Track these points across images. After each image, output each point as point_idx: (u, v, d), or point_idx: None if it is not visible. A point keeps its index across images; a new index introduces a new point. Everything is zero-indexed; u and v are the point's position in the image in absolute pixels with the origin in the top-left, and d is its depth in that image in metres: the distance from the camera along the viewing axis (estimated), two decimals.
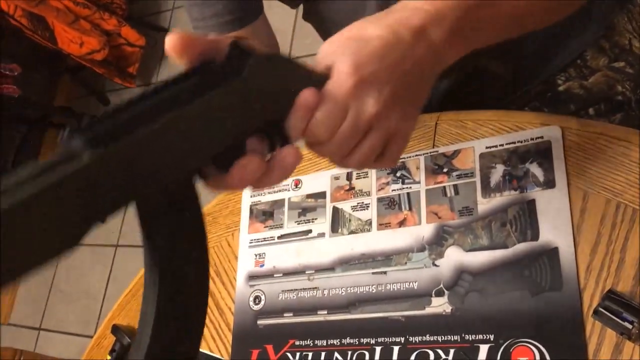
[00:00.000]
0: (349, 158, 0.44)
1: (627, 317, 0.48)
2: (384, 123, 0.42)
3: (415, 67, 0.43)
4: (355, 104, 0.41)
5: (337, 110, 0.41)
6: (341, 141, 0.42)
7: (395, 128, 0.43)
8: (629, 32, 0.79)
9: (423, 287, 0.61)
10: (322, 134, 0.42)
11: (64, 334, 2.32)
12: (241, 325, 0.73)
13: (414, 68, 0.43)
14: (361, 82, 0.41)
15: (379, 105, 0.42)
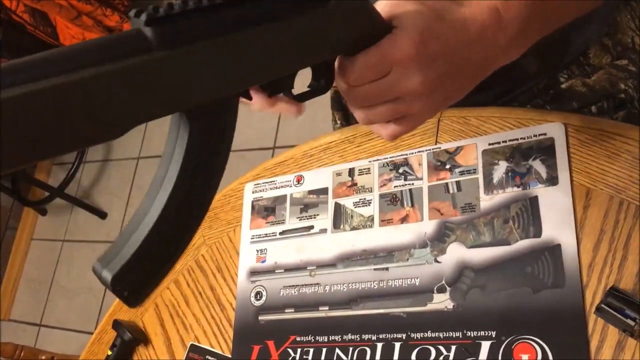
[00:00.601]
0: (361, 110, 0.44)
1: (629, 314, 0.48)
2: (413, 103, 0.43)
3: (472, 64, 0.44)
4: (402, 72, 0.41)
5: (383, 67, 0.41)
6: (367, 94, 0.43)
7: (418, 112, 0.44)
8: (632, 30, 0.78)
9: (425, 284, 0.61)
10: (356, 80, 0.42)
11: (65, 330, 2.32)
12: (242, 321, 0.73)
13: (470, 64, 0.44)
14: (419, 56, 0.41)
15: (421, 86, 0.42)
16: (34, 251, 2.61)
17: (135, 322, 0.83)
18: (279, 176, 0.78)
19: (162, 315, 0.81)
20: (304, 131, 1.87)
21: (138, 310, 0.84)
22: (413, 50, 0.40)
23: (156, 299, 0.82)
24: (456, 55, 0.43)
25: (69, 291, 2.38)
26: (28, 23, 2.11)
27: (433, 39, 0.41)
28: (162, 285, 0.83)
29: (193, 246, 0.82)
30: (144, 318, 0.83)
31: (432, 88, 0.42)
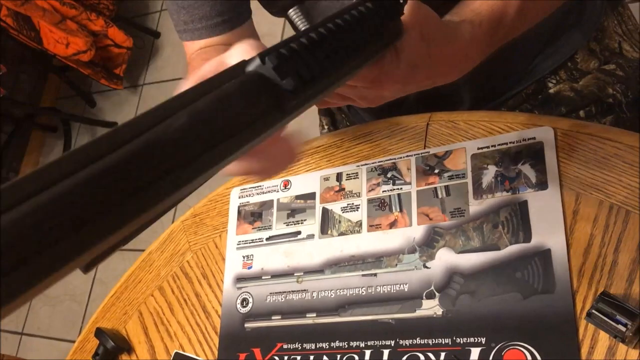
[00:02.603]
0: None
1: (620, 320, 0.47)
2: (394, 90, 0.46)
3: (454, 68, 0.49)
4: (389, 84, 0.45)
5: (376, 83, 0.44)
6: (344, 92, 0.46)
7: (386, 97, 0.47)
8: (618, 35, 0.79)
9: (414, 290, 0.61)
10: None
11: (47, 338, 2.28)
12: (228, 328, 0.71)
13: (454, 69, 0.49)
14: (409, 77, 0.45)
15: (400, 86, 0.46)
16: None
17: (118, 330, 0.82)
18: (266, 181, 0.77)
19: (145, 322, 0.80)
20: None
21: (121, 318, 0.82)
22: (408, 75, 0.44)
23: (140, 306, 0.81)
24: (450, 56, 0.48)
25: (52, 298, 2.35)
26: (11, 27, 2.08)
27: (425, 65, 0.45)
28: (146, 292, 0.81)
29: (178, 252, 0.81)
30: (128, 326, 0.81)
31: (408, 83, 0.46)
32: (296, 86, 0.30)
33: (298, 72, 0.30)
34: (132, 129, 0.23)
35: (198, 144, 0.25)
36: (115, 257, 1.49)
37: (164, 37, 2.50)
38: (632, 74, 0.76)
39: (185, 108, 0.25)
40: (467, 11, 0.50)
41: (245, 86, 0.28)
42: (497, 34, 0.51)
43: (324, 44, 0.33)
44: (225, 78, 0.29)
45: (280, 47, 0.31)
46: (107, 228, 0.21)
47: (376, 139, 0.70)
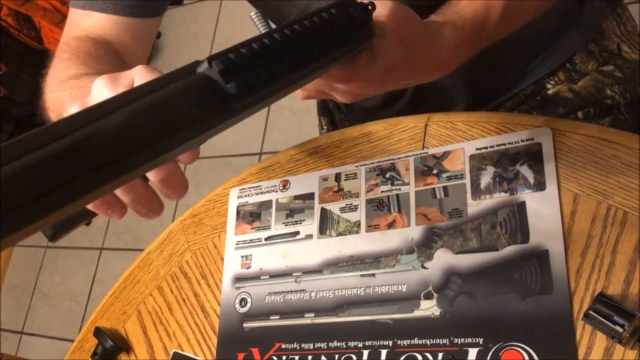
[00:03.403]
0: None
1: (617, 321, 0.48)
2: (371, 89, 0.46)
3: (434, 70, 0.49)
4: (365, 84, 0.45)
5: (352, 81, 0.44)
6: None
7: (363, 95, 0.47)
8: (617, 37, 0.79)
9: (412, 290, 0.61)
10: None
11: (47, 337, 2.28)
12: (227, 328, 0.72)
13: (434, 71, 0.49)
14: (387, 77, 0.45)
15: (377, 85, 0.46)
16: (16, 258, 2.57)
17: (117, 330, 0.82)
18: (265, 181, 0.77)
19: (144, 322, 0.80)
20: (290, 136, 1.86)
21: (120, 318, 0.82)
22: (385, 76, 0.44)
23: (139, 306, 0.81)
24: (432, 58, 0.48)
25: (52, 298, 2.35)
26: (12, 27, 2.09)
27: (403, 67, 0.45)
28: (145, 292, 0.81)
29: (177, 252, 0.81)
30: (126, 325, 0.81)
31: (385, 83, 0.46)
32: (240, 90, 0.31)
33: (243, 77, 0.31)
34: (70, 125, 0.25)
35: (132, 143, 0.26)
36: (114, 256, 1.51)
37: (165, 38, 2.50)
38: (631, 76, 0.76)
39: (126, 107, 0.27)
40: (451, 12, 0.50)
41: (190, 88, 0.30)
42: (480, 36, 0.51)
43: (276, 51, 0.34)
44: (173, 78, 0.30)
45: (230, 51, 0.32)
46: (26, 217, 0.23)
47: (375, 139, 0.70)
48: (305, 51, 0.35)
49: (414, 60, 0.45)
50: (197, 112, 0.30)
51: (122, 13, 0.69)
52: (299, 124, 1.85)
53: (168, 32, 2.51)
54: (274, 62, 0.33)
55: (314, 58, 0.36)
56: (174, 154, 0.30)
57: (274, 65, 0.33)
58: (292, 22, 0.36)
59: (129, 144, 0.27)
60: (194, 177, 2.05)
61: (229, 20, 2.31)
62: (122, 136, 0.26)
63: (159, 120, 0.28)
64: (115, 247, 2.24)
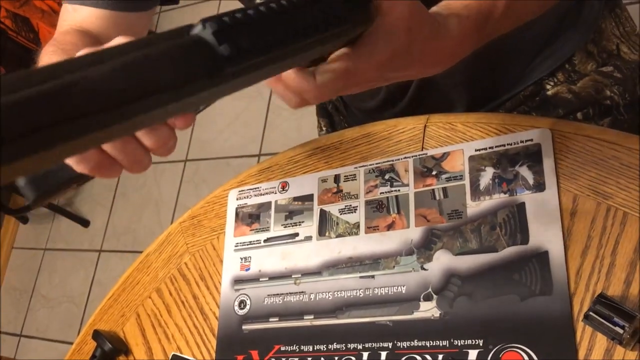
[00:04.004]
0: None
1: (617, 322, 0.47)
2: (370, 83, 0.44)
3: (436, 64, 0.47)
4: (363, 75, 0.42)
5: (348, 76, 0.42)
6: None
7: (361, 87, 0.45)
8: (616, 37, 0.79)
9: (411, 292, 0.61)
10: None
11: (45, 340, 2.28)
12: (226, 330, 0.71)
13: (436, 65, 0.47)
14: (383, 68, 0.43)
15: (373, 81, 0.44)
16: (15, 260, 2.57)
17: (116, 332, 0.81)
18: (264, 183, 0.77)
19: (143, 325, 0.79)
20: (289, 138, 1.86)
21: (119, 320, 0.82)
22: (385, 62, 0.42)
23: (138, 309, 0.81)
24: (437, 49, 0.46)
25: (51, 300, 2.35)
26: (10, 29, 2.09)
27: (403, 57, 0.43)
28: (144, 295, 0.81)
29: (176, 254, 0.81)
30: (125, 328, 0.81)
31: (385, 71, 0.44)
32: (233, 53, 0.30)
33: (237, 40, 0.31)
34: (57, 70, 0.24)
35: (118, 95, 0.26)
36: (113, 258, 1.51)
37: None
38: (630, 76, 0.76)
39: (114, 59, 0.26)
40: (456, 4, 0.48)
41: (181, 47, 0.29)
42: (485, 29, 0.50)
43: (272, 20, 0.33)
44: (167, 37, 0.29)
45: (225, 15, 0.31)
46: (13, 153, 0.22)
47: (374, 140, 0.70)
48: (302, 25, 0.35)
49: (416, 51, 0.44)
50: (188, 72, 0.29)
51: (110, 7, 0.68)
52: (298, 125, 1.85)
53: None
54: (270, 31, 0.33)
55: (310, 33, 0.35)
56: (163, 113, 0.29)
57: (269, 34, 0.33)
58: None
59: (115, 96, 0.26)
60: (193, 178, 2.05)
61: None
62: (108, 87, 0.26)
63: (148, 76, 0.27)
64: (114, 249, 2.24)
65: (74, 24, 0.70)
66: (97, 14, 0.69)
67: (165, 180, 2.12)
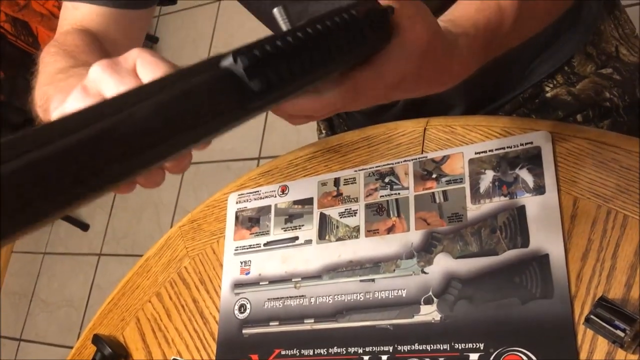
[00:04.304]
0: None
1: (619, 325, 0.47)
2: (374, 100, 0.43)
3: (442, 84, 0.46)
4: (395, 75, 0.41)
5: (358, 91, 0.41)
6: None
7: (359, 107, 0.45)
8: (615, 39, 0.79)
9: (412, 295, 0.60)
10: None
11: (45, 344, 2.28)
12: (226, 334, 0.71)
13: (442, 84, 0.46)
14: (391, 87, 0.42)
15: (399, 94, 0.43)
16: (14, 264, 2.57)
17: (116, 337, 0.81)
18: (264, 186, 0.77)
19: (143, 329, 0.79)
20: (289, 141, 1.86)
21: (119, 325, 0.82)
22: (388, 88, 0.41)
23: (137, 313, 0.81)
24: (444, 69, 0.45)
25: (50, 304, 2.34)
26: (9, 33, 2.09)
27: (414, 77, 0.42)
28: (143, 299, 0.81)
29: (176, 258, 0.81)
30: (125, 332, 0.81)
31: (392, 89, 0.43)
32: (262, 88, 0.31)
33: (266, 75, 0.31)
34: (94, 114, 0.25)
35: (156, 135, 0.27)
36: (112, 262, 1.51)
37: (163, 42, 2.50)
38: (629, 78, 0.76)
39: (149, 99, 0.27)
40: (463, 20, 0.47)
41: (214, 82, 0.30)
42: (492, 47, 0.50)
43: (299, 49, 0.33)
44: (198, 70, 0.30)
45: (255, 47, 0.32)
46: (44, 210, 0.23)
47: (374, 143, 0.70)
48: (325, 51, 0.35)
49: (426, 74, 0.43)
50: (220, 107, 0.30)
51: (110, 4, 0.68)
52: (298, 127, 1.84)
53: (166, 36, 2.51)
54: (296, 61, 0.33)
55: (332, 59, 0.35)
56: (194, 146, 0.30)
57: (295, 64, 0.33)
58: (315, 21, 0.35)
59: (151, 138, 0.26)
60: (193, 181, 2.05)
61: (226, 24, 2.31)
62: (144, 129, 0.26)
63: (183, 114, 0.28)
64: (113, 253, 2.23)
65: (75, 22, 0.70)
66: (97, 12, 0.69)
67: (165, 183, 2.10)
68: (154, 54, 0.38)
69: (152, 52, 0.38)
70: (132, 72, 0.38)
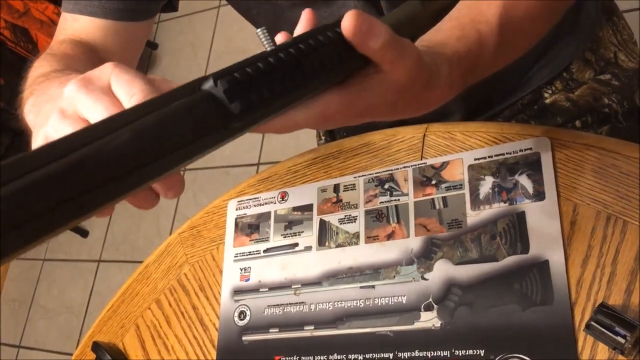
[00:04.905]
0: None
1: (619, 331, 0.47)
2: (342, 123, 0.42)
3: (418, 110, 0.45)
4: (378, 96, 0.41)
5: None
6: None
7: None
8: (614, 45, 0.79)
9: (412, 301, 0.60)
10: None
11: (44, 351, 2.27)
12: (226, 341, 0.71)
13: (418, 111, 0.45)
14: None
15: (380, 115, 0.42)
16: (13, 270, 2.56)
17: (115, 344, 0.81)
18: (263, 193, 0.77)
19: (142, 336, 0.79)
20: (288, 147, 1.86)
21: (118, 332, 0.82)
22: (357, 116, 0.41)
23: (137, 320, 0.80)
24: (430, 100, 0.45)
25: (49, 311, 2.34)
26: (9, 39, 2.09)
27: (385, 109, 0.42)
28: (143, 306, 0.81)
29: (175, 265, 0.81)
30: (125, 339, 0.81)
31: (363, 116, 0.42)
32: (243, 110, 0.32)
33: (247, 97, 0.32)
34: (74, 142, 0.26)
35: (136, 161, 0.27)
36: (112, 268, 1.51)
37: (162, 48, 2.51)
38: (628, 84, 0.76)
39: (131, 124, 0.28)
40: (447, 49, 0.45)
41: (194, 106, 0.31)
42: (474, 73, 0.48)
43: (280, 71, 0.34)
44: (179, 94, 0.31)
45: (235, 70, 0.32)
46: (27, 237, 0.24)
47: (373, 150, 0.70)
48: (307, 71, 0.35)
49: (401, 105, 0.42)
50: (201, 130, 0.30)
51: (110, 16, 0.68)
52: (297, 133, 1.84)
53: (165, 42, 2.51)
54: (277, 81, 0.33)
55: (314, 78, 0.36)
56: (176, 169, 0.30)
57: (276, 85, 0.33)
58: (298, 40, 0.36)
59: (133, 162, 0.27)
60: (192, 187, 2.05)
61: (226, 30, 2.32)
62: (126, 154, 0.27)
63: (164, 138, 0.29)
64: (113, 259, 2.23)
65: (73, 33, 0.70)
66: (97, 24, 0.69)
67: None
68: (127, 70, 0.38)
69: (125, 68, 0.38)
70: (107, 90, 0.38)
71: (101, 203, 0.26)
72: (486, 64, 0.49)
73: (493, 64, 0.50)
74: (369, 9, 0.66)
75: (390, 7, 0.65)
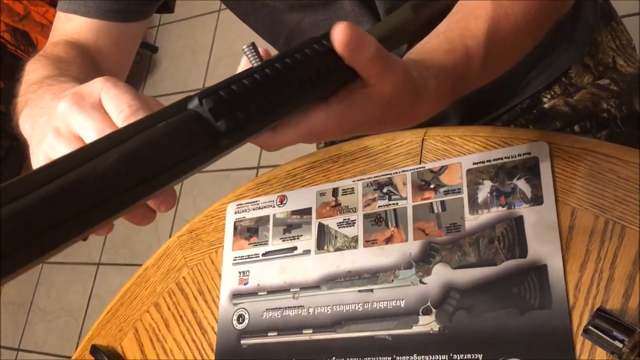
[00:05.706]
0: None
1: (617, 336, 0.47)
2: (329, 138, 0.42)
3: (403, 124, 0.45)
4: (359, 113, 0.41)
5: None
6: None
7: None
8: (612, 50, 0.79)
9: (410, 305, 0.60)
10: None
11: (43, 354, 2.27)
12: (224, 345, 0.71)
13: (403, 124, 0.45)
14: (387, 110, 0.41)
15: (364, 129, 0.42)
16: None
17: (114, 347, 0.81)
18: (262, 196, 0.77)
19: (141, 339, 0.79)
20: (287, 150, 1.86)
21: (117, 335, 0.82)
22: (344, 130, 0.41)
23: (136, 323, 0.80)
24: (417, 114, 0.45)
25: (49, 314, 2.33)
26: (9, 42, 2.09)
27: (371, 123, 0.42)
28: (142, 309, 0.81)
29: (174, 268, 0.81)
30: (123, 343, 0.81)
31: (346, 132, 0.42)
32: (229, 128, 0.32)
33: (233, 115, 0.32)
34: (61, 167, 0.26)
35: (124, 183, 0.28)
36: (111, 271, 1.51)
37: (162, 52, 2.51)
38: (627, 89, 0.76)
39: (118, 146, 0.28)
40: (435, 63, 0.45)
41: (180, 125, 0.31)
42: (459, 87, 0.48)
43: (265, 86, 0.34)
44: (166, 114, 0.31)
45: (221, 88, 0.32)
46: (13, 264, 0.24)
47: (372, 154, 0.70)
48: (294, 85, 0.35)
49: (388, 119, 0.42)
50: (188, 150, 0.31)
51: (104, 17, 0.68)
52: None
53: (165, 45, 2.51)
54: (263, 98, 0.34)
55: (301, 92, 0.36)
56: (165, 189, 0.31)
57: (263, 101, 0.34)
58: (285, 55, 0.36)
59: (122, 184, 0.27)
60: (191, 191, 2.05)
61: (226, 34, 2.32)
62: (114, 176, 0.27)
63: (151, 160, 0.29)
64: (112, 262, 2.23)
65: (66, 34, 0.70)
66: (90, 24, 0.69)
67: None
68: (117, 84, 0.39)
69: (114, 82, 0.39)
70: (97, 106, 0.39)
71: (92, 224, 0.26)
72: (473, 77, 0.49)
73: (480, 78, 0.50)
74: (365, 13, 0.66)
75: (386, 12, 0.65)
